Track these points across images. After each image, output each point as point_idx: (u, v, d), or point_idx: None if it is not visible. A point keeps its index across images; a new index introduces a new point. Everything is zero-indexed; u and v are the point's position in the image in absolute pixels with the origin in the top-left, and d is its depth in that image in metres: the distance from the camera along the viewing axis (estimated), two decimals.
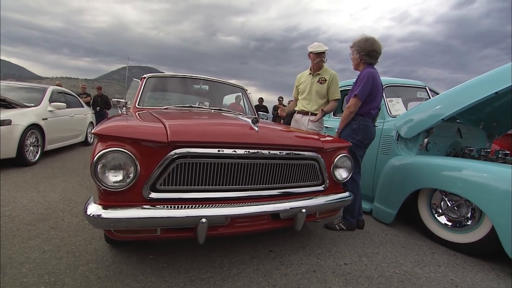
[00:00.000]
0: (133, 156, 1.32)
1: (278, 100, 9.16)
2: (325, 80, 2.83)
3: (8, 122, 3.69)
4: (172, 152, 1.38)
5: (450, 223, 2.28)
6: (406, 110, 3.10)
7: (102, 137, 1.35)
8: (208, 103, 2.92)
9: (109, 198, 1.35)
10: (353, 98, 2.30)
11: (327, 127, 3.50)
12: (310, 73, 2.93)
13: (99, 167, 1.28)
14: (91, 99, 8.36)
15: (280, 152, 1.64)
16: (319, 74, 2.87)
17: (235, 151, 1.49)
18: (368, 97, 2.29)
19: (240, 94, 3.45)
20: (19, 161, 3.85)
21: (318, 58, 2.79)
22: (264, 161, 1.61)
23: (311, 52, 2.82)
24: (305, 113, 2.93)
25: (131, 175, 1.33)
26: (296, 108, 3.07)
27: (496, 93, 2.11)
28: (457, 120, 3.13)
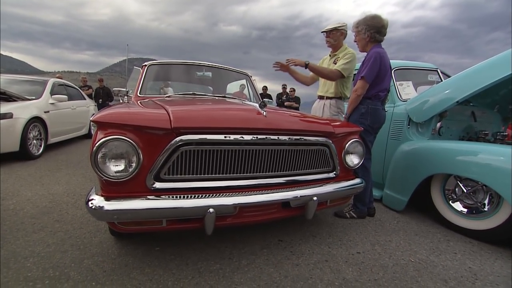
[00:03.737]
0: (135, 144, 1.25)
1: (282, 87, 9.01)
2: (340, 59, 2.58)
3: (9, 116, 3.64)
4: (176, 139, 1.31)
5: (466, 210, 2.20)
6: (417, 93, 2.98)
7: (102, 125, 1.28)
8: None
9: (111, 189, 1.28)
10: (360, 80, 2.18)
11: None
12: (329, 55, 2.72)
13: (99, 156, 1.20)
14: (93, 91, 8.29)
15: (289, 138, 1.55)
16: (335, 55, 2.64)
17: (242, 137, 1.41)
18: (376, 78, 2.17)
19: (244, 82, 3.34)
20: (22, 154, 3.82)
21: (326, 38, 2.60)
22: (272, 147, 1.53)
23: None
24: (321, 97, 2.75)
25: (134, 165, 1.26)
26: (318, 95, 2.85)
27: None
28: (471, 103, 3.00)
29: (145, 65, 2.81)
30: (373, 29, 2.17)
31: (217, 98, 2.47)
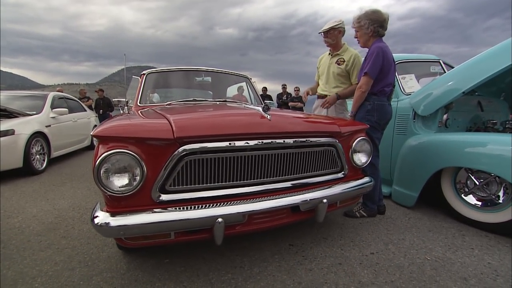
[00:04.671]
0: (138, 157, 1.21)
1: (282, 87, 8.96)
2: (344, 61, 2.54)
3: (11, 132, 3.63)
4: (180, 149, 1.27)
5: (480, 203, 2.14)
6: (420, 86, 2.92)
7: (103, 139, 1.24)
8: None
9: (116, 204, 1.25)
10: (364, 76, 2.14)
11: None
12: (329, 54, 2.67)
13: (102, 171, 1.17)
14: (92, 102, 8.30)
15: (295, 140, 1.51)
16: (338, 54, 2.59)
17: (247, 143, 1.37)
18: (380, 74, 2.13)
19: (242, 84, 3.31)
20: (26, 170, 3.81)
21: (324, 39, 2.57)
22: (279, 151, 1.48)
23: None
24: (323, 97, 2.69)
25: (138, 178, 1.22)
26: (317, 93, 2.84)
27: None
28: (476, 93, 2.95)
29: (144, 74, 2.79)
30: (376, 23, 2.13)
31: (218, 103, 2.44)
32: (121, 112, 2.52)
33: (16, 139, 3.66)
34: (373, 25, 2.13)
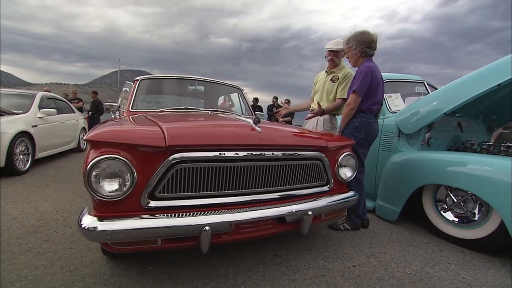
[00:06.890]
0: (129, 163, 1.23)
1: (273, 100, 9.09)
2: (338, 79, 2.66)
3: None
4: (171, 157, 1.30)
5: (457, 219, 2.24)
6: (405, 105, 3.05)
7: (95, 144, 1.26)
8: None
9: (105, 209, 1.26)
10: (352, 94, 2.24)
11: None
12: (326, 71, 2.79)
13: (92, 176, 1.18)
14: (83, 104, 8.19)
15: (283, 153, 1.57)
16: (333, 72, 2.70)
17: (237, 154, 1.42)
18: (368, 92, 2.22)
19: (231, 94, 3.36)
20: (8, 170, 3.71)
21: (333, 57, 2.66)
22: (267, 163, 1.53)
23: (326, 49, 2.69)
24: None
25: (128, 183, 1.24)
26: (310, 108, 2.93)
27: (498, 85, 2.08)
28: (457, 114, 3.10)
29: (137, 80, 2.81)
30: (363, 44, 2.23)
31: (209, 112, 2.48)
32: (112, 116, 2.53)
33: None
34: (360, 46, 2.23)
